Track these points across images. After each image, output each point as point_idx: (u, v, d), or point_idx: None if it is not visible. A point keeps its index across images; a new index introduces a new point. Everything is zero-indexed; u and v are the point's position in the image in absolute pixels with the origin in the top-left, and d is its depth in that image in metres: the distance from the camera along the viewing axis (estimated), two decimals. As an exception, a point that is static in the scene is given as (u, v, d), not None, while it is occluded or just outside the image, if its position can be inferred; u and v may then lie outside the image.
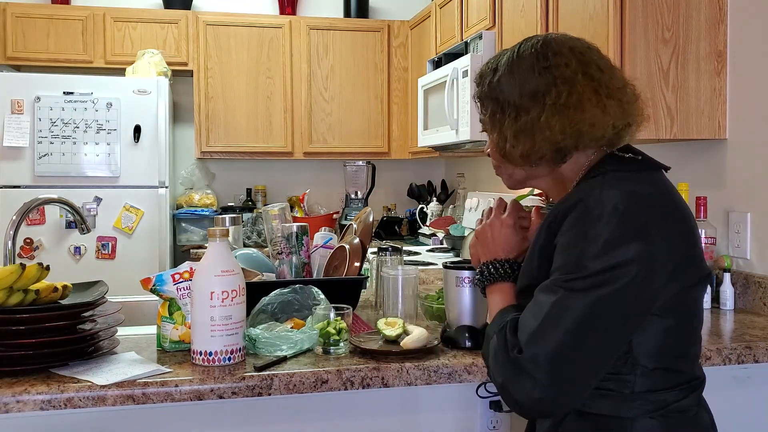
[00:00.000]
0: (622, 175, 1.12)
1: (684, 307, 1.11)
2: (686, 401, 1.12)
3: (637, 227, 1.04)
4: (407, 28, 4.48)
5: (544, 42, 1.21)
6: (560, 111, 1.15)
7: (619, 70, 1.22)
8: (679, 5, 2.10)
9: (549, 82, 1.16)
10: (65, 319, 1.40)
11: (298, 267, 1.98)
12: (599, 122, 1.14)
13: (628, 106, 1.18)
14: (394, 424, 1.54)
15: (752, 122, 2.05)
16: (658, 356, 1.09)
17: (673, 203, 1.12)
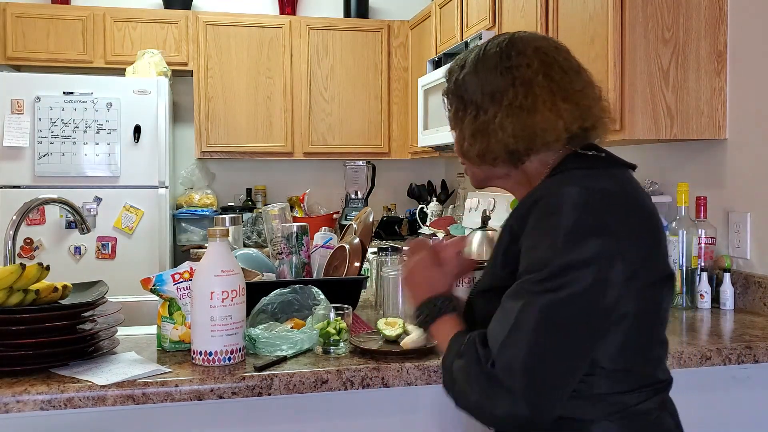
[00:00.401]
0: (583, 172, 1.11)
1: (645, 308, 1.08)
2: (647, 404, 1.09)
3: (597, 223, 1.02)
4: (407, 28, 4.48)
5: (510, 41, 1.20)
6: (515, 113, 1.14)
7: (585, 72, 1.20)
8: (679, 5, 2.10)
9: (508, 83, 1.16)
10: (65, 319, 1.40)
11: (298, 267, 1.98)
12: (551, 127, 1.13)
13: (587, 109, 1.15)
14: (394, 424, 1.54)
15: (752, 122, 2.05)
16: (618, 358, 1.06)
17: (636, 200, 1.10)
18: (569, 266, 1.00)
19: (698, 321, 1.89)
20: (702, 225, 2.08)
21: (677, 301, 2.05)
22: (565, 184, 1.08)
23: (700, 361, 1.58)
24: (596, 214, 1.03)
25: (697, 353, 1.58)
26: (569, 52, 1.22)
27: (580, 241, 1.01)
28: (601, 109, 1.19)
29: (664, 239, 1.13)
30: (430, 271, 1.25)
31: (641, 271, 1.05)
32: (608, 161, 1.16)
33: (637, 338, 1.08)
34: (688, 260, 2.05)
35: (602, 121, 1.19)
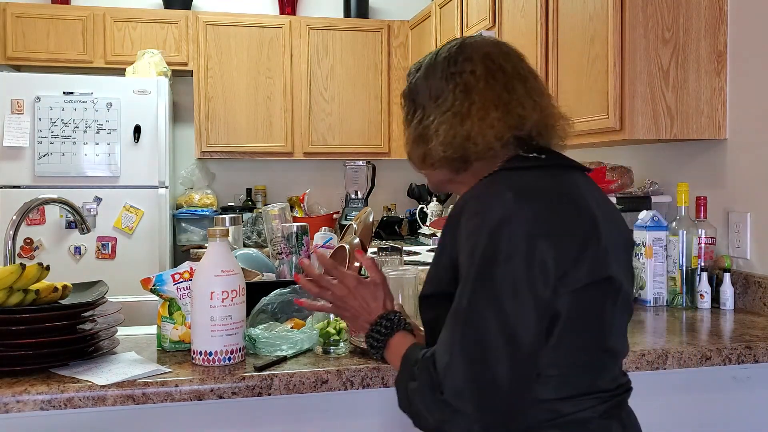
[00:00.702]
0: (511, 173, 1.10)
1: (581, 311, 1.04)
2: (586, 413, 1.05)
3: (517, 223, 1.00)
4: (407, 28, 4.48)
5: (460, 45, 1.20)
6: (449, 119, 1.14)
7: (533, 81, 1.18)
8: (679, 5, 2.10)
9: (450, 88, 1.16)
10: (65, 319, 1.40)
11: (298, 267, 1.98)
12: (480, 135, 1.11)
13: (521, 118, 1.13)
14: (394, 424, 1.54)
15: (752, 122, 2.05)
16: (552, 363, 1.03)
17: (566, 202, 1.06)
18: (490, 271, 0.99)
19: (698, 321, 1.89)
20: (702, 225, 2.08)
21: (678, 300, 2.05)
22: (489, 185, 1.07)
23: (700, 361, 1.58)
24: (516, 215, 1.01)
25: (697, 353, 1.58)
26: (521, 59, 1.21)
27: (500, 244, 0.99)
28: (548, 117, 1.16)
29: (609, 242, 1.08)
30: (359, 292, 1.22)
31: (572, 272, 1.02)
32: (546, 162, 1.13)
33: (571, 343, 1.04)
34: (688, 260, 2.05)
35: (548, 127, 1.16)
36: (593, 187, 1.16)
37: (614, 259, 1.09)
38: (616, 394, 1.10)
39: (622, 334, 1.14)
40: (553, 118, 1.17)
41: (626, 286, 1.13)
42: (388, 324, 1.19)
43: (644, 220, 2.09)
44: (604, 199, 1.17)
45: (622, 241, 1.14)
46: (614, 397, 1.09)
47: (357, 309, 1.22)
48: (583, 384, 1.06)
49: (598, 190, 1.18)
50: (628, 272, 1.15)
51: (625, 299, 1.13)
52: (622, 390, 1.12)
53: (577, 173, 1.16)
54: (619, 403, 1.11)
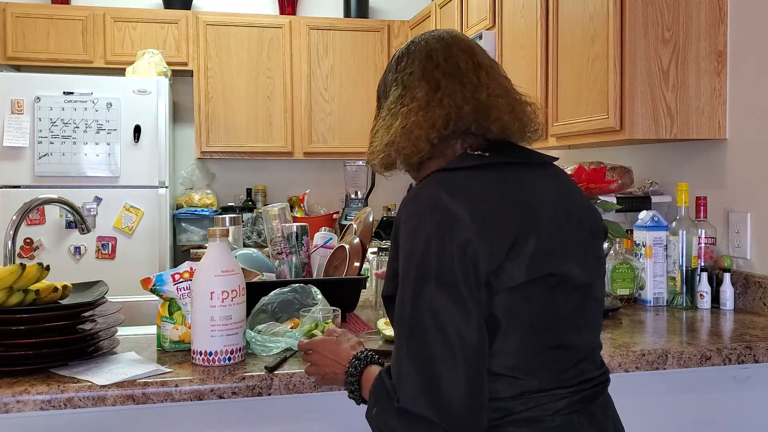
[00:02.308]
0: (442, 174, 1.08)
1: (524, 310, 1.02)
2: (537, 411, 1.03)
3: (447, 223, 1.00)
4: (407, 28, 4.48)
5: (407, 46, 1.22)
6: (385, 121, 1.17)
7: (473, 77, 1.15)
8: (679, 5, 2.10)
9: (390, 91, 1.19)
10: (65, 319, 1.40)
11: (298, 267, 1.98)
12: (406, 137, 1.12)
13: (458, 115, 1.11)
14: (394, 424, 1.54)
15: (752, 122, 2.05)
16: (500, 362, 1.02)
17: (499, 200, 1.05)
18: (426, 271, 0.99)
19: (698, 321, 1.89)
20: (702, 225, 2.08)
21: (678, 300, 2.05)
22: (422, 187, 1.07)
23: (700, 361, 1.58)
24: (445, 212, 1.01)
25: (697, 353, 1.58)
26: (468, 52, 1.19)
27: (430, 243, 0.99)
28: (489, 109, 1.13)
29: (553, 238, 1.06)
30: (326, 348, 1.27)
31: (507, 270, 1.01)
32: (486, 159, 1.11)
33: (518, 341, 1.03)
34: (688, 260, 2.05)
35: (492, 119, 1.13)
36: (546, 181, 1.14)
37: (564, 253, 1.07)
38: (580, 389, 1.07)
39: (584, 329, 1.11)
40: (498, 110, 1.14)
41: (584, 279, 1.10)
42: (356, 363, 1.20)
43: (644, 220, 2.09)
44: (562, 192, 1.14)
45: (581, 233, 1.12)
46: (577, 393, 1.07)
47: (329, 364, 1.26)
48: (533, 383, 1.04)
49: (556, 183, 1.15)
50: (591, 264, 1.12)
51: (586, 293, 1.11)
52: (590, 385, 1.09)
53: (523, 169, 1.13)
54: (585, 398, 1.08)
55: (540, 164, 1.17)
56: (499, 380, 1.03)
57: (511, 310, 1.02)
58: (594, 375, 1.11)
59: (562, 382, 1.06)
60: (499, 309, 1.02)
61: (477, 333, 0.99)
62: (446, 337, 0.98)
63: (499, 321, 1.02)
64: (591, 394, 1.09)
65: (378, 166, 1.21)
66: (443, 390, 0.97)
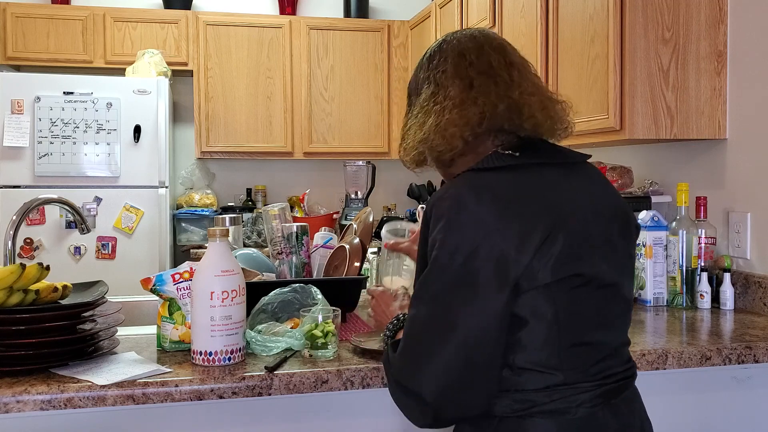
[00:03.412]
0: (473, 175, 1.11)
1: (548, 309, 1.05)
2: (561, 403, 1.06)
3: (475, 226, 1.03)
4: (407, 28, 4.48)
5: (439, 45, 1.24)
6: (419, 119, 1.19)
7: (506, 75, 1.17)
8: (679, 5, 2.10)
9: (423, 89, 1.21)
10: (65, 319, 1.40)
11: (298, 267, 1.98)
12: (440, 135, 1.15)
13: (492, 114, 1.14)
14: (394, 424, 1.54)
15: (752, 122, 2.05)
16: (524, 357, 1.05)
17: (527, 198, 1.07)
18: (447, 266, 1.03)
19: (698, 321, 1.89)
20: (702, 225, 2.08)
21: (678, 300, 2.05)
22: (453, 186, 1.10)
23: (700, 361, 1.58)
24: (475, 214, 1.04)
25: (697, 353, 1.58)
26: (500, 51, 1.20)
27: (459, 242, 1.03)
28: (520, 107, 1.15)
29: (581, 238, 1.08)
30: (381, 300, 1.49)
31: (534, 270, 1.03)
32: (517, 160, 1.12)
33: (543, 342, 1.05)
34: (688, 260, 2.05)
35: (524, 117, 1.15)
36: (576, 181, 1.15)
37: (591, 254, 1.09)
38: (603, 384, 1.09)
39: (609, 327, 1.13)
40: (530, 108, 1.15)
41: (612, 279, 1.12)
42: (395, 322, 1.30)
43: (644, 220, 2.09)
44: (592, 191, 1.15)
45: (611, 232, 1.13)
46: (600, 387, 1.09)
47: (380, 314, 1.48)
48: (558, 377, 1.06)
49: (587, 182, 1.16)
50: (620, 263, 1.14)
51: (613, 292, 1.12)
52: (614, 379, 1.11)
53: (553, 169, 1.14)
54: (609, 392, 1.10)
55: (572, 163, 1.18)
56: (525, 374, 1.06)
57: (537, 308, 1.05)
58: (619, 370, 1.13)
59: (586, 377, 1.08)
60: (525, 307, 1.04)
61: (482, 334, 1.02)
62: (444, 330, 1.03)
63: (525, 318, 1.05)
64: (615, 388, 1.11)
65: (410, 163, 1.25)
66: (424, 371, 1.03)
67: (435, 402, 1.03)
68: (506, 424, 1.07)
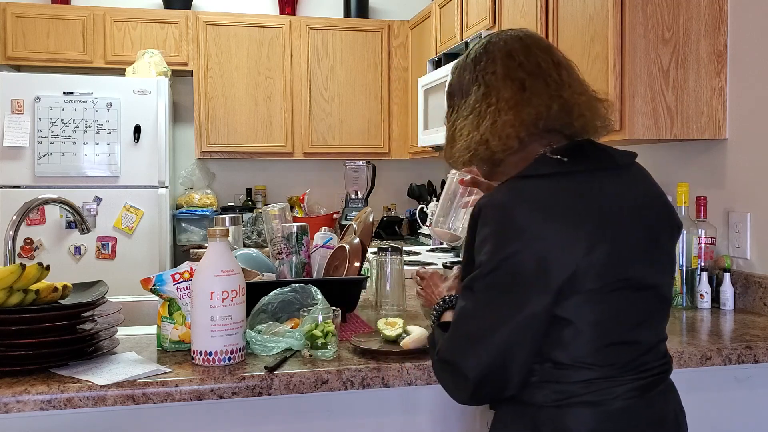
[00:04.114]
0: (525, 181, 1.13)
1: (593, 310, 1.09)
2: (600, 394, 1.10)
3: (525, 229, 1.07)
4: (407, 28, 4.48)
5: (485, 45, 1.24)
6: (470, 122, 1.19)
7: (556, 75, 1.20)
8: (679, 5, 2.10)
9: (474, 88, 1.21)
10: (65, 319, 1.40)
11: (298, 267, 1.98)
12: (496, 136, 1.16)
13: (547, 113, 1.16)
14: (394, 424, 1.54)
15: (752, 122, 2.05)
16: (566, 354, 1.10)
17: (576, 207, 1.10)
18: (497, 268, 1.07)
19: (698, 321, 1.89)
20: (702, 225, 2.08)
21: (677, 301, 2.05)
22: (504, 192, 1.12)
23: (700, 361, 1.58)
24: (525, 221, 1.07)
25: (697, 353, 1.58)
26: (546, 51, 1.23)
27: (509, 246, 1.07)
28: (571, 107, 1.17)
29: (628, 243, 1.11)
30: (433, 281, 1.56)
31: (580, 276, 1.07)
32: (566, 166, 1.14)
33: (585, 342, 1.10)
34: (689, 260, 2.05)
35: (574, 116, 1.18)
36: (621, 184, 1.17)
37: (635, 258, 1.12)
38: (639, 378, 1.13)
39: (648, 326, 1.16)
40: (580, 107, 1.19)
41: (653, 280, 1.16)
42: (441, 303, 1.34)
43: (644, 220, 2.09)
44: (637, 194, 1.18)
45: (654, 235, 1.16)
46: (636, 381, 1.13)
47: (430, 294, 1.56)
48: (598, 372, 1.11)
49: (632, 185, 1.19)
50: (661, 265, 1.18)
51: (653, 293, 1.16)
52: (650, 374, 1.15)
53: (600, 174, 1.16)
54: (645, 385, 1.14)
55: (619, 166, 1.20)
56: (565, 368, 1.10)
57: (580, 311, 1.09)
58: (655, 365, 1.17)
59: (621, 373, 1.12)
60: (569, 310, 1.08)
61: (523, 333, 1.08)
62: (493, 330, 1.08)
63: (568, 319, 1.09)
64: (651, 382, 1.15)
65: (459, 164, 1.26)
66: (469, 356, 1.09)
67: (475, 381, 1.08)
68: (546, 412, 1.11)
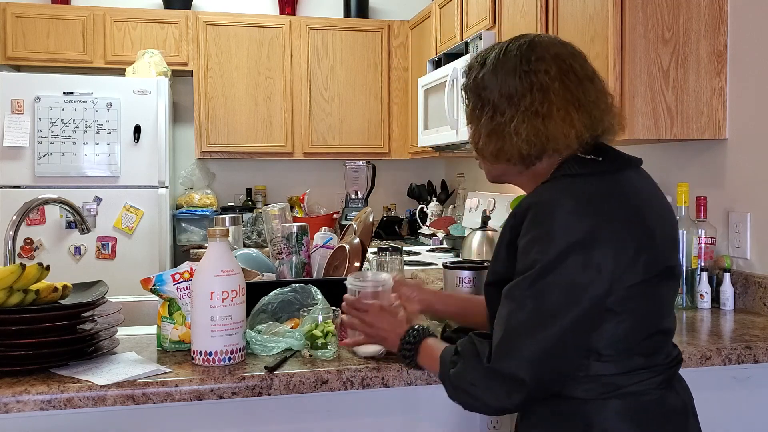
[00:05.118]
0: (571, 180, 1.16)
1: (637, 302, 1.13)
2: (641, 385, 1.14)
3: (579, 228, 1.09)
4: (407, 28, 4.48)
5: (530, 44, 1.24)
6: (530, 119, 1.19)
7: (599, 81, 1.24)
8: (679, 5, 2.10)
9: (526, 87, 1.20)
10: (65, 319, 1.40)
11: (298, 267, 1.98)
12: (563, 135, 1.18)
13: (598, 120, 1.21)
14: (394, 424, 1.54)
15: (752, 122, 2.05)
16: (610, 346, 1.13)
17: (622, 204, 1.14)
18: (552, 267, 1.08)
19: (698, 321, 1.89)
20: (702, 225, 2.08)
21: (677, 301, 2.05)
22: (553, 191, 1.14)
23: (700, 361, 1.58)
24: (578, 219, 1.10)
25: (697, 353, 1.58)
26: (585, 60, 1.26)
27: (563, 246, 1.08)
28: (612, 117, 1.23)
29: (662, 236, 1.16)
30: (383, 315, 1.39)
31: (628, 271, 1.11)
32: (603, 165, 1.19)
33: (629, 330, 1.13)
34: (689, 260, 2.05)
35: (612, 128, 1.24)
36: (644, 183, 1.23)
37: (667, 249, 1.18)
38: (669, 366, 1.19)
39: (672, 315, 1.23)
40: (615, 118, 1.24)
41: (678, 270, 1.23)
42: (415, 333, 1.33)
43: (644, 220, 2.09)
44: (653, 193, 1.23)
45: (669, 228, 1.22)
46: (668, 370, 1.19)
47: (386, 329, 1.37)
48: (640, 362, 1.15)
49: (649, 183, 1.24)
50: (676, 252, 1.24)
51: (676, 278, 1.23)
52: (674, 363, 1.22)
53: (630, 172, 1.21)
54: (672, 374, 1.21)
55: (636, 166, 1.24)
56: (610, 360, 1.13)
57: (625, 303, 1.12)
58: (675, 353, 1.24)
59: (658, 361, 1.18)
60: (616, 302, 1.11)
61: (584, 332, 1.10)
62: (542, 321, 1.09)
63: (614, 311, 1.11)
64: (674, 371, 1.22)
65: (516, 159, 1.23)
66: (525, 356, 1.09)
67: (533, 382, 1.08)
68: (591, 405, 1.13)
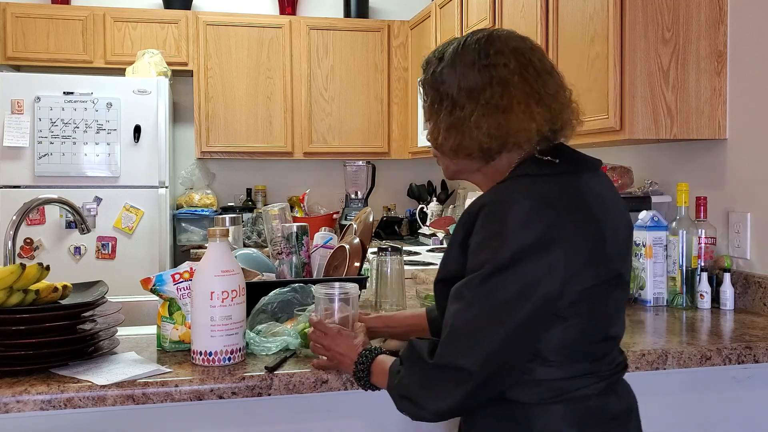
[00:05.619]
0: (530, 180, 1.15)
1: (587, 307, 1.12)
2: (586, 390, 1.14)
3: (534, 229, 1.07)
4: (407, 28, 4.48)
5: (488, 38, 1.22)
6: (490, 112, 1.17)
7: (557, 75, 1.23)
8: (679, 5, 2.10)
9: (486, 81, 1.18)
10: (65, 319, 1.40)
11: (298, 267, 1.98)
12: (524, 128, 1.16)
13: (557, 113, 1.19)
14: (394, 424, 1.54)
15: (752, 122, 2.05)
16: (557, 351, 1.12)
17: (578, 207, 1.13)
18: (505, 266, 1.07)
19: (698, 321, 1.89)
20: (702, 225, 2.08)
21: (677, 301, 2.05)
22: (508, 191, 1.13)
23: (700, 361, 1.58)
24: (535, 221, 1.08)
25: (697, 353, 1.58)
26: (544, 54, 1.24)
27: (517, 246, 1.07)
28: (570, 112, 1.22)
29: (610, 243, 1.15)
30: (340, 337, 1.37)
31: (582, 274, 1.10)
32: (560, 167, 1.18)
33: (577, 336, 1.13)
34: (688, 260, 2.05)
35: (570, 123, 1.22)
36: (601, 186, 1.21)
37: (618, 256, 1.17)
38: (613, 372, 1.19)
39: (620, 321, 1.22)
40: (573, 113, 1.22)
41: (627, 276, 1.23)
42: (366, 353, 1.31)
43: (644, 220, 2.09)
44: (610, 196, 1.22)
45: (624, 233, 1.22)
46: (612, 376, 1.18)
47: (342, 353, 1.35)
48: (585, 367, 1.14)
49: (606, 186, 1.23)
50: (628, 259, 1.24)
51: (625, 288, 1.22)
52: (619, 368, 1.22)
53: (588, 175, 1.20)
54: (616, 380, 1.20)
55: (594, 169, 1.23)
56: (555, 365, 1.13)
57: (575, 308, 1.11)
58: (621, 359, 1.23)
59: (603, 368, 1.17)
60: (565, 307, 1.10)
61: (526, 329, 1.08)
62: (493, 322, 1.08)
63: (563, 317, 1.11)
64: (618, 377, 1.22)
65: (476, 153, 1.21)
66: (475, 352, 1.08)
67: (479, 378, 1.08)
68: (535, 410, 1.13)
